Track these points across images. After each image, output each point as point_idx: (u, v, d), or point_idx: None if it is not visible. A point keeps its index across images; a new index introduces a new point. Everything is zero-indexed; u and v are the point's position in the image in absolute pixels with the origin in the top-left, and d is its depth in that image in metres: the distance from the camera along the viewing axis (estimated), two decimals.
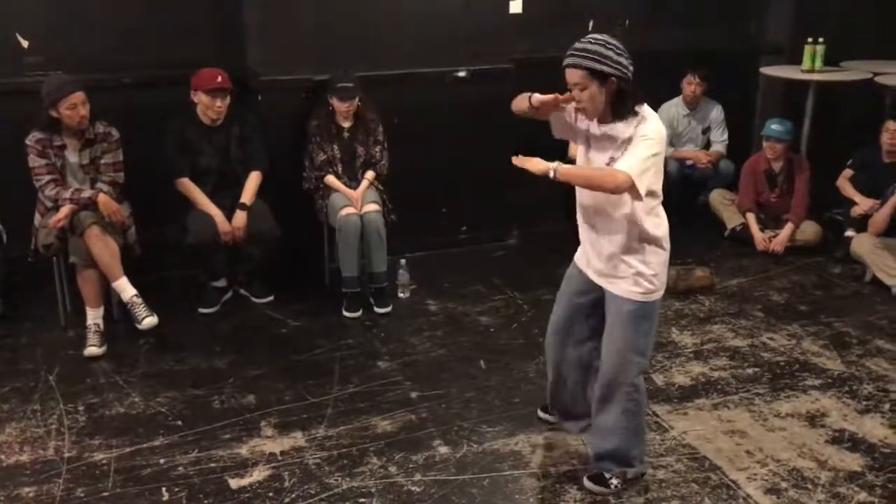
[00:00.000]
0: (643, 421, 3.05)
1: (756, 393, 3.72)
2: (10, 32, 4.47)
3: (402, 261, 4.73)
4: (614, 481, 3.02)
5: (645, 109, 2.70)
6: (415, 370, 3.92)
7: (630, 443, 3.01)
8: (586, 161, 2.86)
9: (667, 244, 2.87)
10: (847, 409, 3.59)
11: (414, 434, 3.40)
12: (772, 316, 4.50)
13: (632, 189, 2.62)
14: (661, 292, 2.89)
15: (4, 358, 4.02)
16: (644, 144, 2.64)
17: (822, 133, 5.82)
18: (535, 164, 2.72)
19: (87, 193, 4.08)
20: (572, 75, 2.66)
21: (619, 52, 2.65)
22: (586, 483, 3.03)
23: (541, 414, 3.47)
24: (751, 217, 5.46)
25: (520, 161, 2.75)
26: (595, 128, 2.79)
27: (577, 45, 2.67)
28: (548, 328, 3.20)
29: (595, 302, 2.99)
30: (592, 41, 2.66)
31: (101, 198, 4.07)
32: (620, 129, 2.70)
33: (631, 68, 2.65)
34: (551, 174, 2.68)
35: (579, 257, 3.05)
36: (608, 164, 2.73)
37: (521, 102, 2.84)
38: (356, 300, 4.51)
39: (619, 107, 2.67)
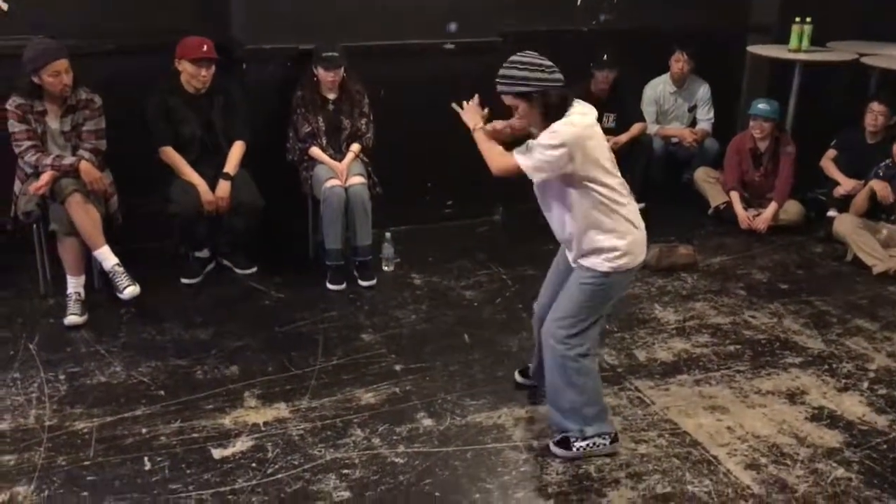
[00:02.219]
0: (589, 381, 3.07)
1: (737, 370, 3.75)
2: None
3: (387, 234, 4.72)
4: (578, 444, 3.07)
5: (574, 108, 2.85)
6: (399, 343, 3.92)
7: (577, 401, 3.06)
8: None
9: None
10: (826, 386, 3.63)
11: (398, 406, 3.41)
12: (754, 294, 4.54)
13: (519, 171, 2.86)
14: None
15: None
16: (541, 137, 2.83)
17: (806, 113, 5.83)
18: (468, 117, 3.08)
19: (68, 160, 4.02)
20: (505, 99, 2.91)
21: (533, 68, 2.82)
22: (552, 448, 3.11)
23: (518, 378, 3.56)
24: (735, 195, 5.48)
25: (457, 107, 3.11)
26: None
27: (501, 71, 2.87)
28: (535, 310, 3.28)
29: None
30: (511, 65, 2.85)
31: (84, 165, 4.01)
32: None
33: (554, 77, 2.82)
34: (472, 133, 3.03)
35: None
36: None
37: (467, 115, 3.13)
38: (340, 273, 4.49)
39: (550, 115, 2.85)
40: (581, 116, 2.85)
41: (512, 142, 3.03)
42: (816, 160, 5.46)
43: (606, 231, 2.90)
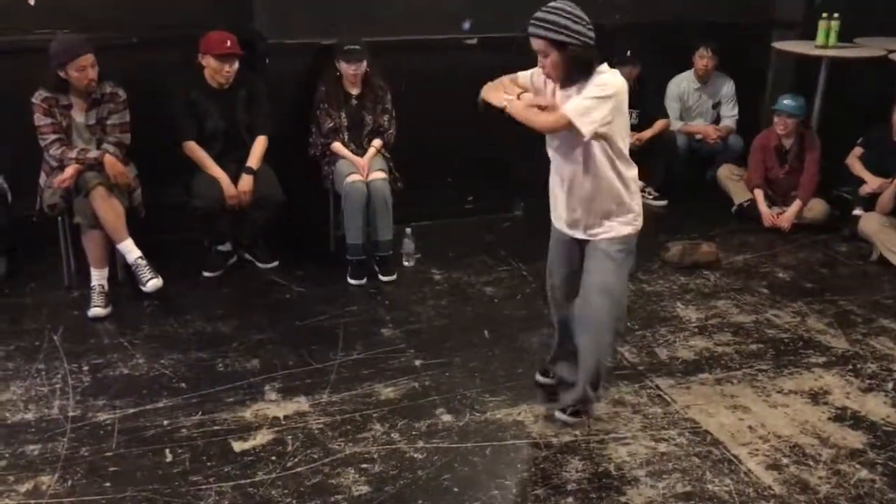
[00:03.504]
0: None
1: (759, 369, 3.72)
2: None
3: (408, 230, 4.71)
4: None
5: (603, 68, 2.84)
6: (418, 338, 3.92)
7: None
8: None
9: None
10: (850, 387, 3.59)
11: (417, 402, 3.41)
12: (777, 293, 4.49)
13: (569, 126, 2.76)
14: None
15: (9, 317, 4.02)
16: (588, 90, 2.79)
17: (833, 110, 5.76)
18: (495, 97, 2.95)
19: (93, 154, 4.06)
20: (535, 44, 2.83)
21: (576, 20, 2.78)
22: (566, 419, 3.22)
23: (539, 378, 3.53)
24: (759, 193, 5.42)
25: (484, 93, 3.01)
26: (558, 93, 2.95)
27: (539, 13, 2.81)
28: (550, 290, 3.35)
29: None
30: (552, 10, 2.79)
31: (108, 159, 4.05)
32: (575, 90, 2.87)
33: (591, 34, 2.79)
34: (506, 108, 2.89)
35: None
36: None
37: (492, 96, 3.00)
38: (361, 268, 4.50)
39: (576, 72, 2.83)
40: (616, 75, 2.86)
41: None
42: (842, 158, 5.38)
43: (630, 193, 2.98)
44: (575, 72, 2.82)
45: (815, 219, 5.36)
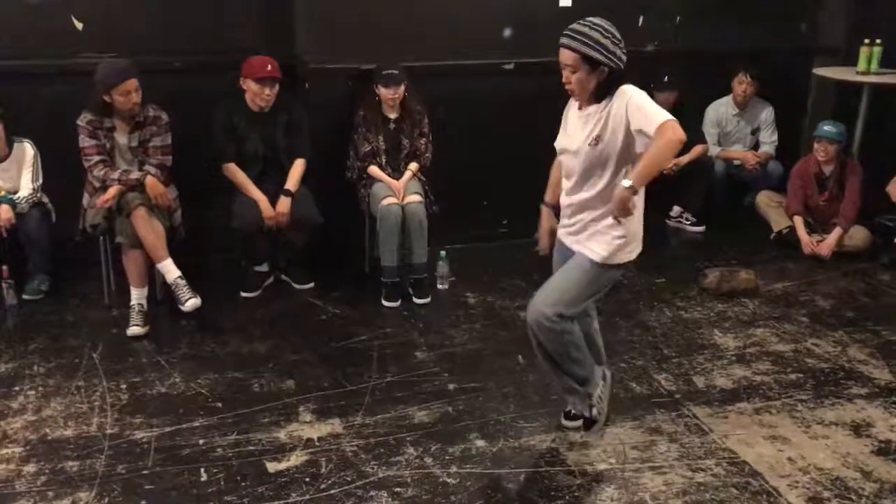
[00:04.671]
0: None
1: (799, 399, 3.65)
2: (64, 15, 4.53)
3: (442, 252, 4.73)
4: (594, 410, 3.12)
5: (624, 85, 2.75)
6: (452, 362, 3.91)
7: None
8: (566, 138, 2.94)
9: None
10: (894, 419, 3.51)
11: (451, 426, 3.40)
12: (817, 321, 4.42)
13: (681, 134, 2.63)
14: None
15: (51, 334, 4.09)
16: (640, 96, 2.69)
17: (874, 137, 5.68)
18: (621, 206, 2.68)
19: (134, 175, 4.14)
20: (565, 56, 2.73)
21: (614, 41, 2.69)
22: (585, 434, 3.19)
23: (565, 422, 3.39)
24: (798, 220, 5.35)
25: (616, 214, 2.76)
26: (574, 113, 2.91)
27: (576, 26, 2.71)
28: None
29: None
30: (592, 26, 2.69)
31: (149, 180, 4.12)
32: (595, 107, 2.80)
33: (624, 59, 2.71)
34: (632, 191, 2.65)
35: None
36: (589, 144, 2.80)
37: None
38: (395, 290, 4.51)
39: (601, 93, 2.76)
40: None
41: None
42: (884, 185, 5.29)
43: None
44: (599, 92, 2.76)
45: (856, 246, 5.27)
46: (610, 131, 2.77)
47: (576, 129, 2.90)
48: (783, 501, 2.97)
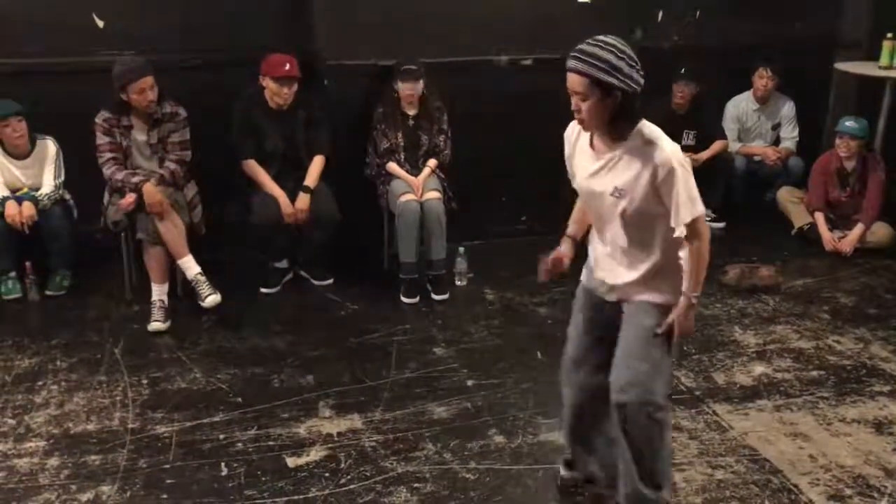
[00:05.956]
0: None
1: (820, 396, 3.62)
2: (85, 13, 4.57)
3: (461, 249, 4.73)
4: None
5: (645, 126, 2.40)
6: (471, 358, 3.92)
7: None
8: (587, 187, 2.55)
9: None
10: None
11: (469, 422, 3.40)
12: (839, 318, 4.38)
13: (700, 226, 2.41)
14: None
15: (73, 330, 4.13)
16: (679, 175, 2.34)
17: None
18: (683, 325, 2.51)
19: (135, 179, 4.14)
20: (574, 82, 2.34)
21: (631, 63, 2.32)
22: None
23: (563, 473, 2.97)
24: (819, 216, 5.31)
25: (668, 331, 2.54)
26: (582, 147, 2.54)
27: (585, 48, 2.33)
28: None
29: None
30: (603, 46, 2.32)
31: (147, 187, 4.11)
32: (623, 156, 2.41)
33: (641, 82, 2.34)
34: (693, 303, 2.49)
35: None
36: (611, 194, 2.45)
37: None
38: (414, 286, 4.52)
39: (619, 126, 2.39)
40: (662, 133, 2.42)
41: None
42: None
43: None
44: (616, 121, 2.37)
45: (878, 243, 5.22)
46: (635, 190, 2.41)
47: (587, 169, 2.52)
48: (804, 499, 2.95)
